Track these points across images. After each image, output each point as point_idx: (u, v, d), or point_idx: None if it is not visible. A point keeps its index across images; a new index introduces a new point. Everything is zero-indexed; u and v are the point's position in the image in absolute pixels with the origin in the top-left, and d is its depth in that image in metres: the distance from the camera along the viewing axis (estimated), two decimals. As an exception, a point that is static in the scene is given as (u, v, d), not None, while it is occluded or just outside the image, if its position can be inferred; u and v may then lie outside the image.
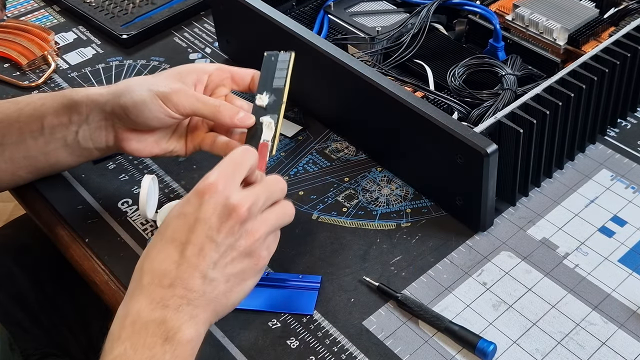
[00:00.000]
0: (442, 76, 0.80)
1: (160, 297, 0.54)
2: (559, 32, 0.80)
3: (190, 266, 0.55)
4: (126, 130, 0.70)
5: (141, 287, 0.55)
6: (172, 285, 0.54)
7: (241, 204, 0.56)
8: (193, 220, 0.56)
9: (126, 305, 0.55)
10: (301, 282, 0.67)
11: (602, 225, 0.71)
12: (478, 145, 0.64)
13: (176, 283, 0.55)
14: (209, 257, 0.56)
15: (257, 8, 0.81)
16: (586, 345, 0.61)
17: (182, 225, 0.56)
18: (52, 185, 0.79)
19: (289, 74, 0.69)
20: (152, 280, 0.55)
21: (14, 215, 1.79)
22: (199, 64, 0.72)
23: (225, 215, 0.56)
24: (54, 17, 1.05)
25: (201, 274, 0.55)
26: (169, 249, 0.56)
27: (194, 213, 0.56)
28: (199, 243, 0.55)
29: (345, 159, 0.79)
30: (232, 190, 0.57)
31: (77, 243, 0.74)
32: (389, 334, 0.63)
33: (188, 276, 0.55)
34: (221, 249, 0.56)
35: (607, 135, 0.80)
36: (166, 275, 0.55)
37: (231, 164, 0.58)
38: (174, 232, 0.56)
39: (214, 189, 0.56)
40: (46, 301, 0.91)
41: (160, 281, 0.55)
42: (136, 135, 0.70)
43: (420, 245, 0.70)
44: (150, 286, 0.55)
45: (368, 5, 0.92)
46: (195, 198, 0.56)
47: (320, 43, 0.76)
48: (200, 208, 0.56)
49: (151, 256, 0.56)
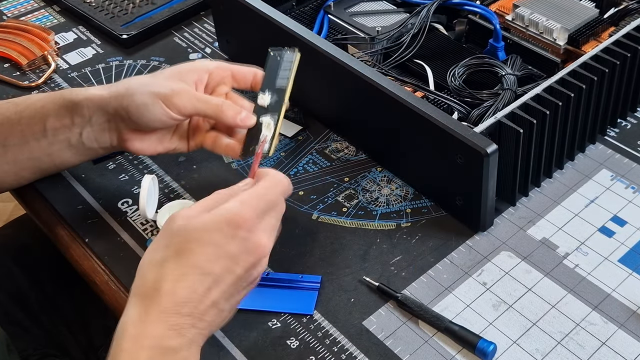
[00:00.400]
0: (442, 76, 0.80)
1: (178, 325, 0.54)
2: (559, 32, 0.80)
3: (208, 298, 0.55)
4: (129, 131, 0.70)
5: (160, 310, 0.54)
6: (189, 314, 0.54)
7: (267, 243, 0.57)
8: (221, 253, 0.55)
9: (143, 325, 0.53)
10: (301, 282, 0.67)
11: (602, 225, 0.71)
12: (478, 145, 0.64)
13: (194, 313, 0.54)
14: (226, 290, 0.56)
15: (257, 8, 0.81)
16: (586, 345, 0.61)
17: (207, 254, 0.55)
18: (52, 185, 0.79)
19: (292, 73, 0.69)
20: (171, 307, 0.54)
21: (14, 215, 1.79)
22: (199, 61, 0.71)
23: (249, 251, 0.56)
24: (54, 17, 1.05)
25: (215, 305, 0.56)
26: (190, 276, 0.54)
27: (224, 246, 0.55)
28: (221, 276, 0.55)
29: (345, 159, 0.79)
30: (261, 227, 0.57)
31: (77, 243, 0.74)
32: (389, 334, 0.63)
33: (204, 307, 0.55)
34: (238, 283, 0.57)
35: (607, 135, 0.80)
36: (185, 304, 0.54)
37: (265, 199, 0.58)
38: (199, 259, 0.55)
39: (248, 225, 0.56)
40: (46, 301, 0.91)
41: (180, 309, 0.54)
42: (139, 135, 0.70)
43: (420, 245, 0.70)
44: (169, 312, 0.54)
45: (368, 5, 0.92)
46: (227, 229, 0.55)
47: (320, 43, 0.76)
48: (231, 242, 0.55)
49: (170, 278, 0.54)
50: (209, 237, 0.55)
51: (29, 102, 0.73)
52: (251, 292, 0.60)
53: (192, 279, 0.54)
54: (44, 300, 0.91)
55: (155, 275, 0.55)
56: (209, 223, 0.55)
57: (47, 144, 0.72)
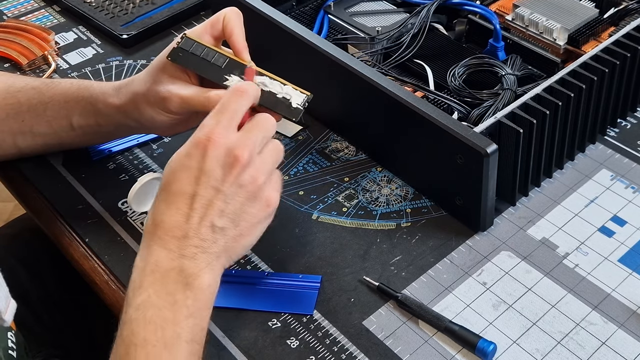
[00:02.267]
0: (442, 76, 0.80)
1: (176, 247, 0.57)
2: (559, 32, 0.80)
3: (199, 217, 0.57)
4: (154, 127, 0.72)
5: (156, 239, 0.57)
6: (185, 236, 0.57)
7: (242, 151, 0.58)
8: (198, 172, 0.57)
9: (143, 257, 0.57)
10: (301, 282, 0.67)
11: (602, 225, 0.71)
12: (478, 145, 0.64)
13: (189, 234, 0.57)
14: (217, 207, 0.57)
15: (257, 8, 0.81)
16: (586, 345, 0.61)
17: (187, 178, 0.57)
18: (52, 185, 0.79)
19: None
20: (166, 233, 0.57)
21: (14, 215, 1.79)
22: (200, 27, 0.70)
23: (228, 164, 0.57)
24: (54, 17, 1.05)
25: (211, 223, 0.57)
26: (177, 202, 0.57)
27: (198, 165, 0.57)
28: (206, 194, 0.57)
29: (345, 159, 0.79)
30: (231, 138, 0.58)
31: (77, 243, 0.74)
32: (389, 333, 0.63)
33: (199, 226, 0.57)
34: (227, 197, 0.58)
35: (607, 135, 0.80)
36: (179, 227, 0.57)
37: (227, 112, 0.59)
38: (180, 185, 0.57)
39: (215, 140, 0.57)
40: (48, 300, 0.91)
41: (173, 233, 0.57)
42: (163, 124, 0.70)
43: (420, 245, 0.70)
44: (165, 237, 0.57)
45: (368, 5, 0.92)
46: (196, 150, 0.58)
47: (320, 43, 0.76)
48: (204, 160, 0.57)
49: (161, 209, 0.58)
50: (183, 163, 0.58)
51: (53, 93, 0.75)
52: (251, 292, 0.60)
53: (180, 204, 0.57)
54: (46, 299, 0.91)
55: (152, 214, 0.59)
56: (180, 153, 0.59)
57: (75, 135, 0.75)
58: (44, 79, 0.84)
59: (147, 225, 0.59)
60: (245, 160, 0.58)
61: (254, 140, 0.59)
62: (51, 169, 0.81)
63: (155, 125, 0.70)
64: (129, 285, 0.57)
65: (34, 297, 0.91)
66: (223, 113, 0.59)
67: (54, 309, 0.91)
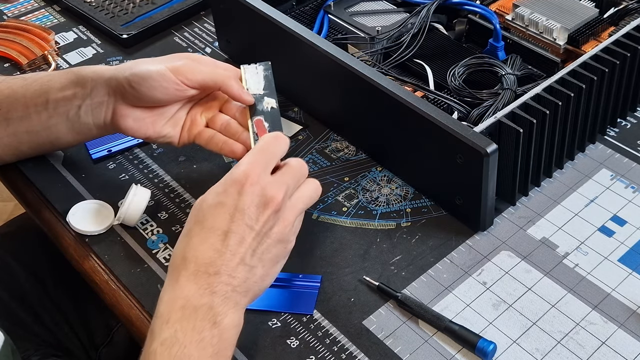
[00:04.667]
0: (442, 76, 0.80)
1: (207, 284, 0.56)
2: (559, 32, 0.80)
3: (233, 254, 0.57)
4: (126, 107, 0.71)
5: (188, 274, 0.57)
6: (217, 273, 0.57)
7: (277, 194, 0.59)
8: (233, 210, 0.58)
9: (173, 290, 0.57)
10: (301, 282, 0.67)
11: (602, 225, 0.71)
12: (478, 145, 0.64)
13: (221, 271, 0.57)
14: (249, 245, 0.58)
15: (257, 8, 0.81)
16: (586, 344, 0.61)
17: (222, 214, 0.58)
18: (52, 185, 0.79)
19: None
20: (199, 268, 0.57)
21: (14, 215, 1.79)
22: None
23: (263, 204, 0.58)
24: (54, 16, 1.05)
25: (243, 261, 0.58)
26: (211, 237, 0.58)
27: (233, 203, 0.58)
28: (240, 232, 0.58)
29: (345, 158, 0.79)
30: (267, 179, 0.59)
31: (77, 242, 0.74)
32: (389, 333, 0.63)
33: (231, 264, 0.57)
34: (259, 237, 0.59)
35: (607, 134, 0.80)
36: (211, 264, 0.57)
37: (265, 153, 0.61)
38: (214, 221, 0.58)
39: (252, 179, 0.58)
40: (48, 300, 0.91)
41: (206, 269, 0.57)
42: (134, 112, 0.71)
43: (420, 245, 0.70)
44: (197, 273, 0.57)
45: (368, 5, 0.92)
46: (233, 188, 0.58)
47: (320, 43, 0.76)
48: (240, 198, 0.58)
49: (194, 245, 0.58)
50: (220, 200, 0.58)
51: (38, 76, 0.75)
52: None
53: (213, 240, 0.58)
54: (45, 299, 0.91)
55: (182, 247, 0.59)
56: (217, 190, 0.59)
57: (46, 116, 0.73)
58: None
59: (176, 258, 0.58)
60: (279, 203, 0.59)
61: (289, 184, 0.60)
62: (51, 169, 0.81)
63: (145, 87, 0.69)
64: (155, 317, 0.57)
65: (34, 297, 0.91)
66: (262, 154, 0.61)
67: (53, 309, 0.91)
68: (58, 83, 0.73)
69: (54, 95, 0.72)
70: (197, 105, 0.74)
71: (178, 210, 0.75)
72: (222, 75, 0.70)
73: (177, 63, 0.70)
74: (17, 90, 0.74)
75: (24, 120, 0.74)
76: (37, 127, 0.74)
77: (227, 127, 0.72)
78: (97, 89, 0.71)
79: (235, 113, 0.72)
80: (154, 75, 0.69)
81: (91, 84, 0.71)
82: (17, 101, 0.73)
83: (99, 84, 0.71)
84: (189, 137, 0.73)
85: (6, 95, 0.74)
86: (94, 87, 0.71)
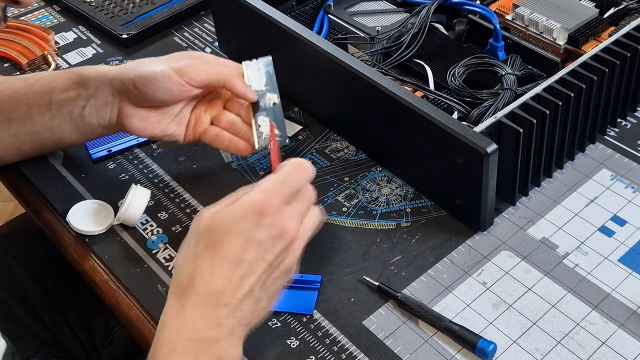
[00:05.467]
0: (442, 76, 0.80)
1: (215, 316, 0.54)
2: (559, 32, 0.80)
3: (243, 285, 0.55)
4: (131, 107, 0.71)
5: (195, 303, 0.55)
6: (226, 304, 0.55)
7: (293, 228, 0.57)
8: (249, 240, 0.56)
9: (178, 318, 0.55)
10: (301, 281, 0.67)
11: (602, 225, 0.71)
12: (478, 145, 0.64)
13: (230, 302, 0.55)
14: (259, 277, 0.56)
15: (257, 8, 0.81)
16: (586, 344, 0.61)
17: (236, 244, 0.55)
18: (52, 185, 0.79)
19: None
20: (207, 298, 0.55)
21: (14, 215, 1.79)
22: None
23: (277, 237, 0.56)
24: (54, 16, 1.05)
25: (251, 293, 0.56)
26: (223, 267, 0.55)
27: (251, 233, 0.56)
28: (252, 264, 0.56)
29: (345, 158, 0.79)
30: (287, 212, 0.57)
31: (77, 243, 0.74)
32: (389, 333, 0.63)
33: (239, 295, 0.55)
34: (270, 269, 0.57)
35: (607, 134, 0.80)
36: (220, 295, 0.55)
37: (288, 185, 0.58)
38: (229, 249, 0.55)
39: (271, 209, 0.56)
40: (48, 300, 0.91)
41: (215, 300, 0.55)
42: (139, 112, 0.71)
43: (420, 245, 0.70)
44: (206, 303, 0.55)
45: (368, 5, 0.92)
46: (252, 217, 0.56)
47: (320, 43, 0.76)
48: (257, 230, 0.56)
49: (204, 270, 0.55)
50: (236, 228, 0.56)
51: (40, 76, 0.75)
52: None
53: (225, 269, 0.55)
54: (46, 299, 0.91)
55: (190, 271, 0.56)
56: (234, 214, 0.56)
57: (49, 117, 0.73)
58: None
59: (181, 281, 0.56)
60: (293, 237, 0.57)
61: (301, 216, 0.59)
62: (51, 169, 0.81)
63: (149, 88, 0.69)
64: (156, 344, 0.55)
65: (34, 297, 0.91)
66: (284, 185, 0.58)
67: (53, 309, 0.91)
68: (61, 84, 0.72)
69: (57, 96, 0.72)
70: (201, 102, 0.74)
71: (178, 210, 0.75)
72: (225, 74, 0.70)
73: (180, 63, 0.69)
74: (19, 91, 0.74)
75: (26, 121, 0.74)
76: (40, 127, 0.74)
77: (232, 125, 0.73)
78: (101, 90, 0.71)
79: (239, 110, 0.73)
80: (158, 76, 0.69)
81: (94, 84, 0.71)
82: (20, 102, 0.73)
83: (102, 85, 0.71)
84: (194, 134, 0.74)
85: (8, 95, 0.74)
86: (98, 88, 0.71)
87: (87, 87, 0.72)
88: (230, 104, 0.74)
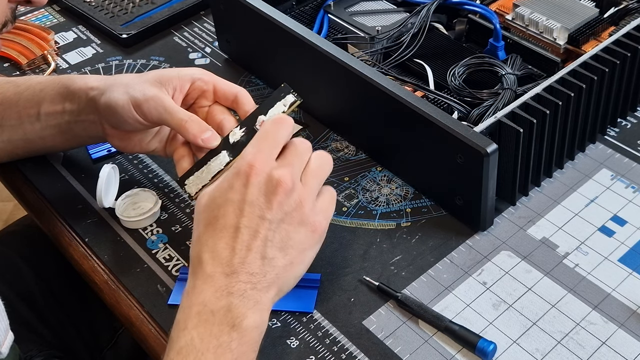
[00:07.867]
0: (442, 76, 0.80)
1: (224, 285, 0.55)
2: (559, 32, 0.80)
3: (248, 249, 0.56)
4: (110, 127, 0.71)
5: (204, 277, 0.55)
6: (234, 271, 0.55)
7: (283, 177, 0.56)
8: (241, 204, 0.56)
9: (189, 296, 0.56)
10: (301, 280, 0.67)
11: (602, 225, 0.71)
12: (478, 144, 0.64)
13: (238, 269, 0.55)
14: (264, 236, 0.56)
15: (257, 8, 0.81)
16: (586, 344, 0.61)
17: (231, 211, 0.56)
18: (52, 185, 0.79)
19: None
20: (215, 269, 0.55)
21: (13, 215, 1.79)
22: (186, 69, 0.70)
23: (271, 191, 0.56)
24: (54, 16, 1.05)
25: (260, 254, 0.56)
26: (224, 237, 0.56)
27: (241, 197, 0.56)
28: (252, 225, 0.56)
29: (345, 158, 0.79)
30: (272, 165, 0.57)
31: (76, 243, 0.74)
32: (389, 333, 0.63)
33: (248, 260, 0.55)
34: (274, 225, 0.56)
35: (607, 134, 0.80)
36: (227, 263, 0.55)
37: (267, 141, 0.58)
38: (225, 219, 0.56)
39: (256, 169, 0.56)
40: (53, 300, 0.91)
41: (222, 269, 0.55)
42: (119, 133, 0.71)
43: (420, 245, 0.70)
44: (214, 275, 0.55)
45: (368, 4, 0.92)
46: (238, 180, 0.57)
47: (320, 43, 0.76)
48: (247, 191, 0.56)
49: (208, 246, 0.56)
50: (226, 197, 0.57)
51: (30, 83, 0.75)
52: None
53: (226, 239, 0.56)
54: (51, 299, 0.91)
55: (197, 251, 0.57)
56: (222, 187, 0.57)
57: (40, 127, 0.74)
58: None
59: (192, 261, 0.57)
60: (288, 185, 0.56)
61: (294, 164, 0.58)
62: (51, 169, 0.81)
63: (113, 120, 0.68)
64: (173, 326, 0.55)
65: (39, 298, 0.91)
66: (264, 141, 0.58)
67: (58, 310, 0.91)
68: (49, 95, 0.72)
69: (46, 108, 0.72)
70: None
71: (178, 210, 0.75)
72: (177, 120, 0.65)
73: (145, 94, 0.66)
74: (10, 98, 0.74)
75: (18, 129, 0.74)
76: (31, 136, 0.74)
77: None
78: (86, 110, 0.71)
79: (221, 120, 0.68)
80: (119, 108, 0.67)
81: (78, 101, 0.71)
82: (10, 109, 0.73)
83: (87, 105, 0.71)
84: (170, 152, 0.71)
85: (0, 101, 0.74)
86: (84, 107, 0.71)
87: (72, 101, 0.71)
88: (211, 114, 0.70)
